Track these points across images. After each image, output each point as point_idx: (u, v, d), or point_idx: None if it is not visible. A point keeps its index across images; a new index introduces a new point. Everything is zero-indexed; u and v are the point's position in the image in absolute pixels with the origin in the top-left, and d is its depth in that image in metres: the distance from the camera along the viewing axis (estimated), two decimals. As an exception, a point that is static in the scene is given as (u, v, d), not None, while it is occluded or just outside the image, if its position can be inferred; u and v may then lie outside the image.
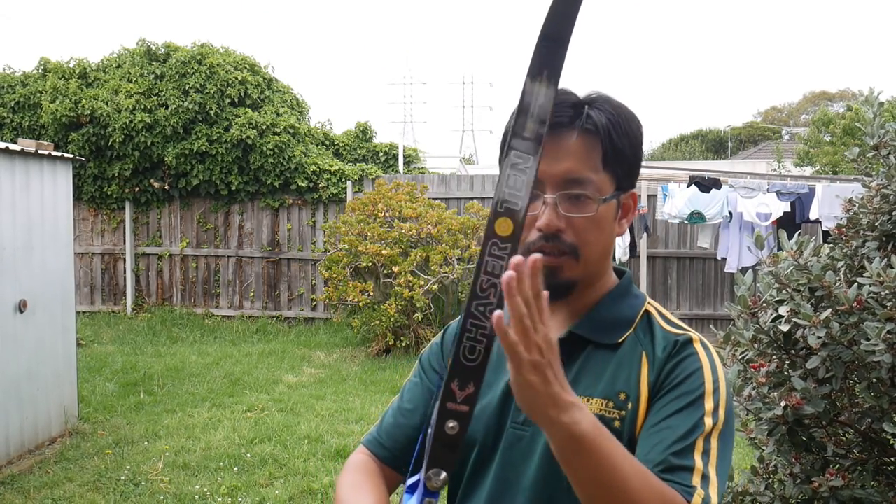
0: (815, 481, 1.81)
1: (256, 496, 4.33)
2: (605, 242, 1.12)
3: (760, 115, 44.59)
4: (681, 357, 1.07)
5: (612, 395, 1.07)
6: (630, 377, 1.08)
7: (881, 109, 2.33)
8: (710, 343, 1.14)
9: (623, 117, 1.09)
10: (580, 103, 1.09)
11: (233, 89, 9.79)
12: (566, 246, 1.08)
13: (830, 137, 19.89)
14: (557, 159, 1.07)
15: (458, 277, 7.76)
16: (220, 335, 9.13)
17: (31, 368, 4.97)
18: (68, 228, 5.49)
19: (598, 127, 1.07)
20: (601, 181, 1.08)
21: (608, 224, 1.11)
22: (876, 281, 1.85)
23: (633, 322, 1.14)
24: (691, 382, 1.04)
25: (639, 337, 1.12)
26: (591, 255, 1.10)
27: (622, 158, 1.09)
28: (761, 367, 1.96)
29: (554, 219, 1.07)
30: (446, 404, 0.86)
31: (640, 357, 1.10)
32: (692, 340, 1.09)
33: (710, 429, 1.02)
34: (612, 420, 1.06)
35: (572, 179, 1.07)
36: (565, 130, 1.07)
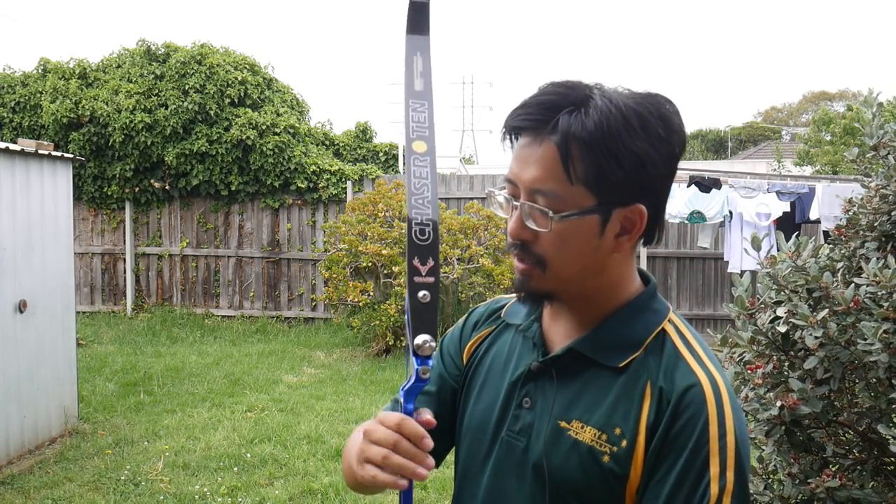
0: (812, 482, 1.81)
1: (256, 496, 4.33)
2: (586, 258, 1.01)
3: (760, 115, 44.60)
4: (688, 414, 0.97)
5: (607, 427, 1.00)
6: (629, 411, 1.00)
7: (880, 110, 2.33)
8: (709, 344, 1.09)
9: (612, 125, 0.95)
10: (564, 106, 0.97)
11: (233, 89, 9.79)
12: (532, 256, 1.02)
13: (830, 137, 19.89)
14: (527, 164, 0.99)
15: (458, 277, 7.76)
16: (220, 335, 9.13)
17: (32, 368, 4.98)
18: (68, 228, 5.50)
19: (560, 140, 0.96)
20: (571, 195, 0.97)
21: (585, 241, 0.99)
22: (873, 281, 1.86)
23: (641, 344, 1.04)
24: (695, 443, 0.95)
25: (646, 362, 1.02)
26: (561, 271, 1.01)
27: (599, 174, 0.96)
28: (758, 369, 1.96)
29: (517, 227, 1.01)
30: (413, 279, 0.99)
31: (644, 388, 1.01)
32: (701, 386, 0.98)
33: (719, 496, 0.94)
34: (602, 454, 0.99)
35: (535, 190, 0.98)
36: (538, 134, 0.98)
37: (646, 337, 1.04)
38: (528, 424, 1.06)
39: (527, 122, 0.99)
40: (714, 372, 1.00)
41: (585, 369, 1.05)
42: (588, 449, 1.00)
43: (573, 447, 1.01)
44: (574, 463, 1.00)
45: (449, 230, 7.83)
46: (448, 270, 7.63)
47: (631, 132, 0.96)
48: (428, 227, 1.02)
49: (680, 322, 1.08)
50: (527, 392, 1.08)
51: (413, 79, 1.08)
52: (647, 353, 1.03)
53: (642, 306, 1.07)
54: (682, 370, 1.00)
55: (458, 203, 9.21)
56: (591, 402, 1.02)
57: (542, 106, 0.98)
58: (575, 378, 1.05)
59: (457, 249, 7.72)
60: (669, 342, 1.04)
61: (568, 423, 1.02)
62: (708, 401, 0.97)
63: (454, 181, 9.69)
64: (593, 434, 1.00)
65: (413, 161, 1.06)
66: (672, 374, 1.00)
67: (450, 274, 7.63)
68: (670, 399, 0.98)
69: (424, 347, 0.97)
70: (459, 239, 7.80)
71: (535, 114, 0.99)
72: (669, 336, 1.05)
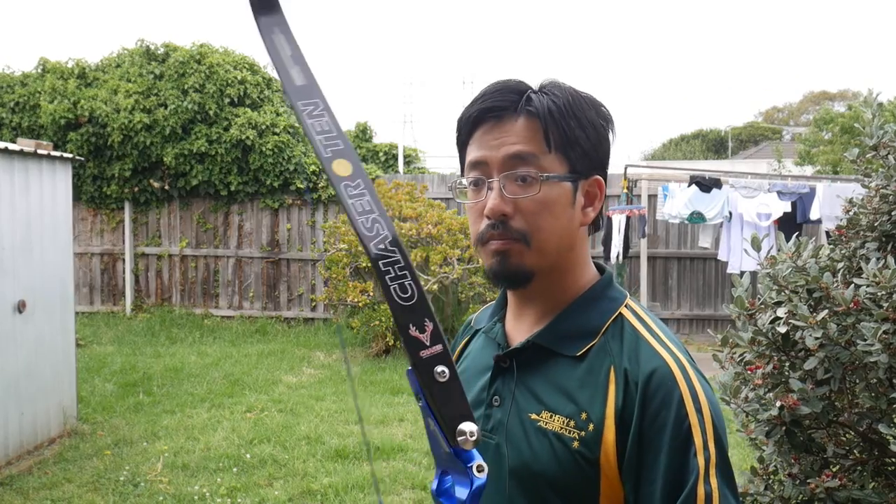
0: (812, 482, 1.80)
1: (256, 497, 4.33)
2: (563, 229, 1.05)
3: (761, 115, 44.62)
4: (661, 394, 0.98)
5: (575, 414, 1.02)
6: (595, 396, 1.02)
7: (880, 110, 2.32)
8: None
9: (573, 101, 1.05)
10: (525, 89, 1.06)
11: (232, 89, 9.79)
12: (515, 232, 1.03)
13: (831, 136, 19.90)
14: (500, 143, 1.04)
15: (458, 277, 7.76)
16: (220, 335, 9.13)
17: (30, 369, 4.97)
18: (67, 228, 5.49)
19: (539, 109, 1.03)
20: (548, 162, 1.03)
21: (563, 209, 1.04)
22: (872, 281, 1.85)
23: (599, 330, 1.06)
24: (674, 421, 0.97)
25: (607, 346, 1.05)
26: (544, 242, 1.04)
27: (571, 141, 1.04)
28: (758, 369, 1.96)
29: (499, 203, 1.02)
30: (419, 354, 0.78)
31: (608, 372, 1.02)
32: (667, 365, 1.00)
33: (705, 467, 0.96)
34: (572, 440, 1.01)
35: (515, 159, 1.03)
36: (508, 115, 1.04)
37: (602, 324, 1.06)
38: (498, 422, 1.08)
39: (502, 102, 1.05)
40: (676, 351, 1.03)
41: (547, 360, 1.07)
42: (557, 436, 1.02)
43: (543, 437, 1.03)
44: (546, 452, 1.02)
45: (449, 230, 7.82)
46: (448, 270, 7.63)
47: (588, 108, 1.06)
48: (405, 278, 0.80)
49: (637, 307, 1.11)
50: (496, 390, 1.11)
51: (287, 70, 0.88)
52: (606, 339, 1.05)
53: (598, 295, 1.10)
54: (645, 352, 1.02)
55: (458, 203, 9.20)
56: (557, 392, 1.04)
57: (508, 90, 1.06)
58: (538, 370, 1.08)
59: (457, 249, 7.72)
60: (628, 325, 1.06)
61: (538, 415, 1.04)
62: (678, 379, 0.99)
63: (454, 181, 9.68)
64: (562, 422, 1.02)
65: (345, 190, 0.83)
66: (636, 356, 1.02)
67: (450, 274, 7.63)
68: (637, 381, 0.99)
69: (469, 440, 0.76)
70: (459, 239, 7.80)
71: (505, 96, 1.05)
72: (628, 320, 1.07)
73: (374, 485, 3.95)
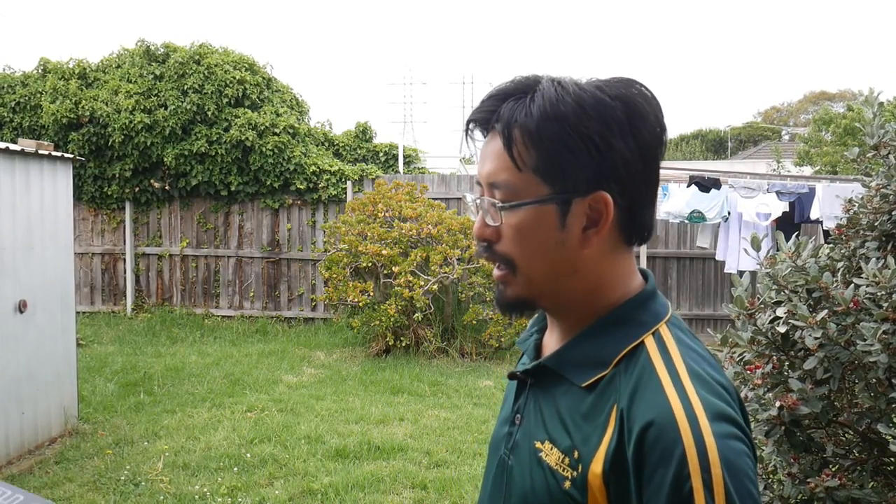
0: (811, 482, 1.81)
1: (256, 496, 4.33)
2: (551, 255, 0.94)
3: (760, 115, 44.61)
4: (660, 446, 0.84)
5: (569, 450, 0.92)
6: (591, 436, 0.91)
7: (881, 110, 2.33)
8: (706, 344, 0.99)
9: (559, 112, 0.91)
10: (509, 97, 0.95)
11: (231, 89, 9.79)
12: (498, 257, 0.97)
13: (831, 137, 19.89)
14: (482, 161, 0.97)
15: (458, 277, 7.76)
16: (220, 335, 9.13)
17: (31, 368, 4.97)
18: (68, 228, 5.50)
19: (504, 126, 0.93)
20: (523, 185, 0.93)
21: (545, 234, 0.94)
22: (872, 281, 1.85)
23: (609, 363, 0.94)
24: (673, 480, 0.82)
25: (617, 381, 0.92)
26: (530, 271, 0.96)
27: (552, 159, 0.91)
28: (757, 369, 1.96)
29: (479, 226, 0.98)
30: None
31: (610, 412, 0.90)
32: (672, 415, 0.84)
33: None
34: (564, 479, 0.92)
35: (490, 184, 0.96)
36: (488, 128, 0.97)
37: (616, 354, 0.94)
38: (516, 443, 1.03)
39: (478, 114, 0.97)
40: (691, 392, 0.87)
41: (557, 386, 0.99)
42: (552, 472, 0.94)
43: (541, 469, 0.96)
44: (541, 487, 0.95)
45: (449, 230, 7.83)
46: (448, 270, 7.63)
47: (582, 116, 0.91)
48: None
49: (669, 331, 0.96)
50: (518, 408, 1.05)
51: None
52: (617, 371, 0.93)
53: (623, 317, 0.97)
54: (650, 392, 0.88)
55: (458, 203, 9.21)
56: (561, 422, 0.96)
57: (493, 98, 0.96)
58: (550, 394, 0.99)
59: (457, 249, 7.72)
60: (646, 359, 0.92)
61: (541, 444, 0.97)
62: (681, 430, 0.83)
63: (454, 181, 9.69)
64: (558, 457, 0.94)
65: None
66: (639, 396, 0.88)
67: (450, 274, 7.63)
68: (633, 427, 0.86)
69: None
70: (459, 239, 7.80)
71: (486, 106, 0.97)
72: (647, 351, 0.93)
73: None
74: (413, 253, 7.72)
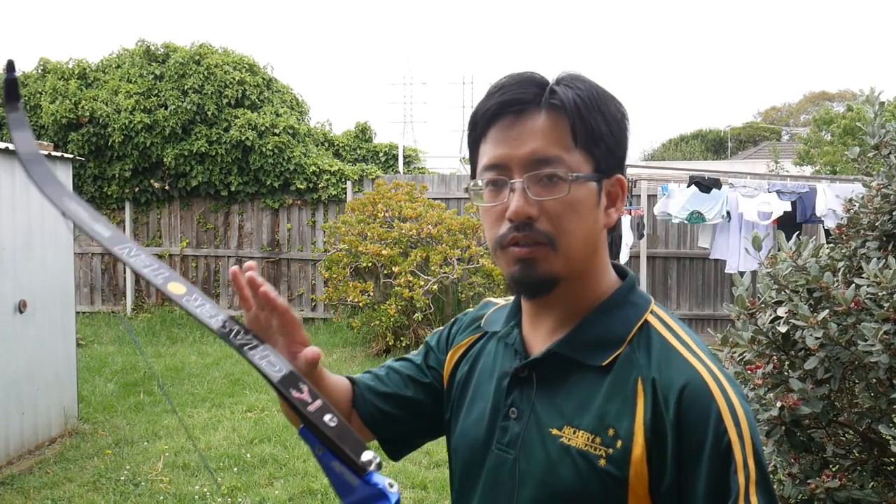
0: (812, 482, 1.81)
1: (256, 496, 4.33)
2: (588, 232, 0.99)
3: (760, 115, 44.63)
4: (697, 409, 0.93)
5: (600, 429, 0.96)
6: (622, 411, 0.95)
7: (882, 109, 2.33)
8: (706, 344, 1.04)
9: (596, 95, 0.99)
10: (545, 82, 0.99)
11: (231, 90, 9.79)
12: (540, 235, 0.96)
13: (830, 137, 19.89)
14: (522, 140, 0.97)
15: (458, 277, 7.76)
16: (220, 335, 9.12)
17: (31, 369, 4.97)
18: (68, 228, 5.48)
19: (565, 102, 0.96)
20: (574, 160, 0.97)
21: (589, 210, 0.98)
22: (873, 282, 1.85)
23: (624, 339, 1.00)
24: (713, 437, 0.91)
25: (633, 357, 0.98)
26: (570, 246, 0.97)
27: (597, 137, 0.98)
28: (758, 369, 1.96)
29: (524, 204, 0.96)
30: (308, 410, 0.84)
31: (636, 385, 0.96)
32: (701, 377, 0.94)
33: (745, 486, 0.90)
34: (598, 458, 0.95)
35: (540, 159, 0.96)
36: (530, 109, 0.97)
37: (627, 332, 1.00)
38: (516, 435, 1.02)
39: (523, 94, 0.98)
40: (709, 361, 0.97)
41: (569, 372, 1.01)
42: (582, 454, 0.96)
43: (566, 454, 0.97)
44: (568, 470, 0.96)
45: (449, 230, 7.82)
46: (448, 270, 7.63)
47: (610, 103, 1.00)
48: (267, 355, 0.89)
49: (664, 313, 1.04)
50: (512, 402, 1.04)
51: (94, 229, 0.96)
52: (632, 348, 0.99)
53: (621, 300, 1.03)
54: (676, 364, 0.96)
55: (458, 203, 9.21)
56: (580, 406, 0.98)
57: (528, 82, 0.99)
58: (559, 382, 1.01)
59: (457, 250, 7.72)
60: (656, 334, 1.00)
61: (559, 430, 0.98)
62: (714, 392, 0.93)
63: (454, 181, 9.69)
64: (586, 438, 0.96)
65: (188, 303, 0.92)
66: (666, 367, 0.96)
67: (450, 274, 7.63)
68: (669, 395, 0.93)
69: (373, 464, 0.83)
70: (459, 239, 7.80)
71: (526, 88, 0.98)
72: (654, 328, 1.01)
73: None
74: (413, 253, 7.71)
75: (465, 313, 1.25)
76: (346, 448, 0.82)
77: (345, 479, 0.83)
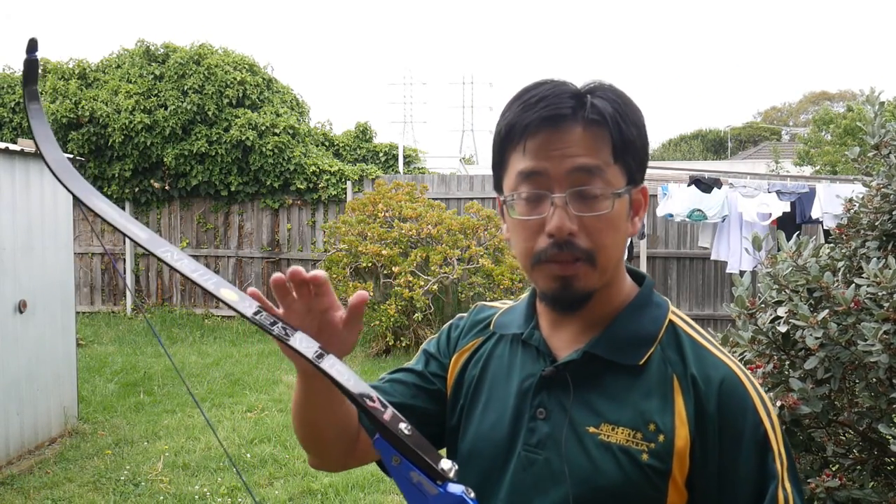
0: (812, 482, 1.81)
1: (256, 496, 4.33)
2: (621, 244, 1.01)
3: (760, 115, 44.63)
4: (734, 401, 0.98)
5: (640, 424, 0.98)
6: (663, 406, 0.99)
7: (882, 109, 2.33)
8: None
9: (629, 105, 1.00)
10: (581, 93, 0.98)
11: (231, 90, 9.79)
12: (581, 252, 0.97)
13: (830, 137, 19.89)
14: (563, 154, 0.96)
15: (458, 278, 7.76)
16: (220, 335, 9.13)
17: (31, 369, 4.97)
18: (68, 228, 5.49)
19: (605, 116, 0.96)
20: (613, 175, 0.98)
21: (623, 223, 1.00)
22: (873, 281, 1.85)
23: (655, 338, 1.03)
24: (752, 429, 0.97)
25: (666, 355, 1.02)
26: (608, 261, 0.99)
27: (633, 149, 0.99)
28: (758, 369, 1.96)
29: (566, 221, 0.95)
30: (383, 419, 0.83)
31: (672, 381, 1.00)
32: (735, 373, 1.00)
33: (781, 472, 0.97)
34: (640, 452, 0.97)
35: (582, 175, 0.96)
36: (569, 122, 0.96)
37: (657, 331, 1.04)
38: (547, 435, 1.02)
39: (562, 109, 0.96)
40: (734, 358, 1.04)
41: (603, 371, 1.02)
42: (623, 449, 0.98)
43: (606, 450, 0.98)
44: (609, 466, 0.98)
45: (449, 230, 7.82)
46: (448, 270, 7.63)
47: (638, 112, 1.02)
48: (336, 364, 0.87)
49: (682, 313, 1.09)
50: (540, 402, 1.04)
51: (132, 231, 0.92)
52: (662, 346, 1.03)
53: (645, 302, 1.07)
54: (711, 360, 1.01)
55: (458, 203, 9.21)
56: (617, 403, 1.00)
57: (565, 94, 0.98)
58: (593, 382, 1.02)
59: (457, 250, 7.72)
60: (683, 334, 1.05)
61: (597, 428, 1.00)
62: (747, 386, 0.99)
63: (454, 181, 9.69)
64: (627, 434, 0.98)
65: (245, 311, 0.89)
66: (702, 364, 1.01)
67: (450, 274, 7.63)
68: (709, 389, 0.98)
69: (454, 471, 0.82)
70: (459, 239, 7.80)
71: (564, 101, 0.97)
72: (680, 328, 1.06)
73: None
74: (413, 253, 7.71)
75: (461, 318, 1.24)
76: (426, 456, 0.80)
77: (422, 489, 0.82)
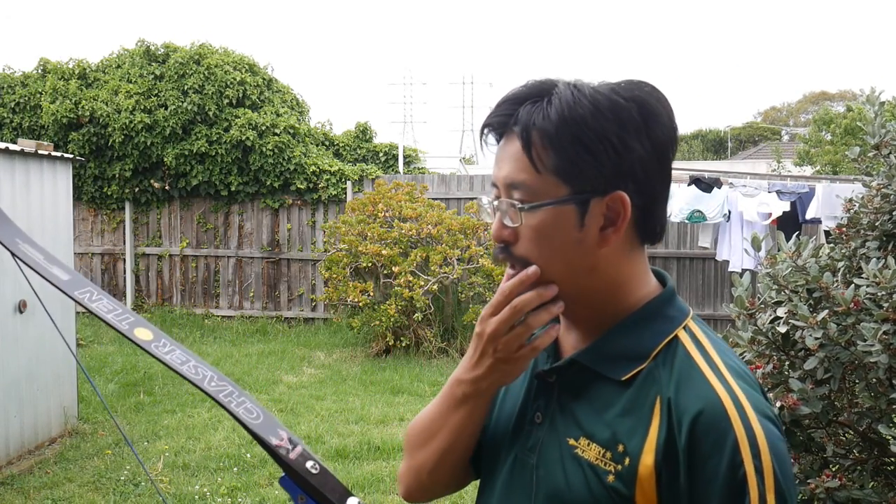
0: (812, 482, 1.81)
1: (256, 496, 4.33)
2: (569, 255, 0.95)
3: (760, 115, 44.64)
4: (713, 435, 0.88)
5: (611, 444, 0.93)
6: (636, 428, 0.92)
7: (882, 109, 2.33)
8: None
9: (577, 115, 0.92)
10: (526, 100, 0.96)
11: (231, 90, 9.79)
12: (516, 259, 0.98)
13: (831, 137, 19.89)
14: (501, 163, 0.98)
15: (458, 277, 7.76)
16: (220, 335, 9.13)
17: (31, 369, 4.97)
18: (68, 228, 5.50)
19: (522, 129, 0.94)
20: (543, 186, 0.94)
21: (565, 234, 0.95)
22: (873, 282, 1.85)
23: (648, 355, 0.96)
24: (728, 468, 0.86)
25: (656, 373, 0.94)
26: (549, 271, 0.96)
27: (571, 161, 0.93)
28: (758, 369, 1.96)
29: (497, 228, 0.98)
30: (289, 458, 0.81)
31: (654, 403, 0.93)
32: (721, 404, 0.89)
33: None
34: (607, 473, 0.92)
35: (509, 185, 0.96)
36: (505, 132, 0.98)
37: (653, 347, 0.96)
38: (538, 441, 1.01)
39: (495, 118, 0.98)
40: (734, 384, 0.91)
41: (590, 382, 0.99)
42: (592, 468, 0.94)
43: (578, 466, 0.95)
44: (579, 483, 0.95)
45: (449, 230, 7.82)
46: (448, 270, 7.63)
47: (599, 118, 0.92)
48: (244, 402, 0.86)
49: (698, 328, 0.99)
50: (538, 406, 1.03)
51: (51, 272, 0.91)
52: (656, 364, 0.95)
53: (653, 313, 0.99)
54: (696, 383, 0.92)
55: (458, 203, 9.20)
56: (597, 418, 0.96)
57: (509, 102, 0.97)
58: (580, 392, 0.99)
59: (457, 250, 7.72)
60: (682, 351, 0.95)
61: (576, 441, 0.97)
62: (732, 418, 0.88)
63: (454, 181, 9.68)
64: (598, 452, 0.94)
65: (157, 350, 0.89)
66: (684, 387, 0.92)
67: (450, 274, 7.63)
68: (682, 417, 0.89)
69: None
70: (459, 239, 7.80)
71: (502, 110, 0.98)
72: (682, 344, 0.96)
73: None
74: (413, 253, 7.71)
75: None
76: (330, 496, 0.80)
77: None
